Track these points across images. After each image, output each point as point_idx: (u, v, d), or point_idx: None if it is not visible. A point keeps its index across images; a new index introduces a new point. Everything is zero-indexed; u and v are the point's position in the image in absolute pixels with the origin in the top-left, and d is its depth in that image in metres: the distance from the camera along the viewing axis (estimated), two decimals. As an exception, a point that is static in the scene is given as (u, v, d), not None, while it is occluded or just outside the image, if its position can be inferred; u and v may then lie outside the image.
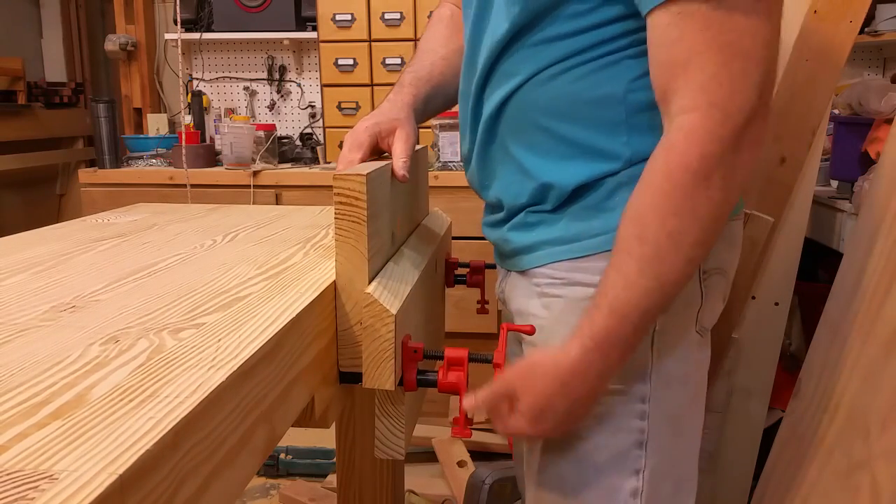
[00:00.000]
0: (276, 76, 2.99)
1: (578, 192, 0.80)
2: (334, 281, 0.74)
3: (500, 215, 0.89)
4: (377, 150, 0.90)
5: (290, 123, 3.03)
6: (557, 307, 0.82)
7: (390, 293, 0.74)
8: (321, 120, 2.69)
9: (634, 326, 0.71)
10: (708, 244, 0.70)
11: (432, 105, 1.01)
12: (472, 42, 0.86)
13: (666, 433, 0.81)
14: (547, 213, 0.83)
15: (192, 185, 2.44)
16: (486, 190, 0.90)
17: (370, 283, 0.73)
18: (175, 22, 2.77)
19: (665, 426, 0.81)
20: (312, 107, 2.99)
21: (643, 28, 0.72)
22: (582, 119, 0.78)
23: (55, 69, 3.14)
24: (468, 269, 1.17)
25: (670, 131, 0.69)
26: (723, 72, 0.65)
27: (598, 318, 0.71)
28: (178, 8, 2.72)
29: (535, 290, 0.85)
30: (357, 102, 2.54)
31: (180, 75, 2.77)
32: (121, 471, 0.36)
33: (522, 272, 0.87)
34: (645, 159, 0.75)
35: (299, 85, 3.00)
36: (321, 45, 2.52)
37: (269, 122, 2.95)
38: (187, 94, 2.81)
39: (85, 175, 2.55)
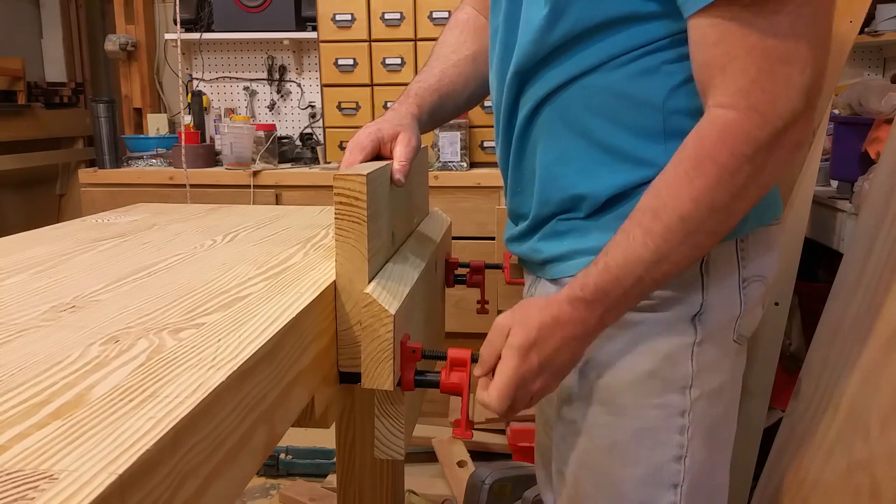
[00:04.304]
0: (276, 76, 2.99)
1: (612, 202, 0.78)
2: (334, 281, 0.74)
3: (525, 226, 0.87)
4: (379, 155, 0.89)
5: (290, 123, 3.03)
6: None
7: (389, 293, 0.74)
8: (321, 120, 2.69)
9: (624, 290, 0.71)
10: (719, 235, 0.70)
11: (440, 114, 1.00)
12: (504, 45, 0.84)
13: (703, 446, 0.80)
14: (579, 221, 0.81)
15: (192, 185, 2.44)
16: (516, 196, 0.88)
17: (370, 283, 0.73)
18: (175, 22, 2.77)
19: (703, 439, 0.80)
20: (312, 107, 2.99)
21: (683, 30, 0.70)
22: (620, 123, 0.76)
23: (55, 69, 3.14)
24: (468, 269, 1.17)
25: (705, 121, 0.68)
26: (764, 77, 0.64)
27: (593, 272, 0.71)
28: (178, 8, 2.72)
29: None
30: (357, 102, 2.54)
31: (180, 75, 2.78)
32: (121, 471, 0.36)
33: (553, 280, 0.85)
34: None
35: (299, 85, 3.00)
36: (321, 45, 2.52)
37: (269, 122, 2.95)
38: (187, 94, 2.81)
39: (85, 175, 2.55)
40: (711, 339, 0.79)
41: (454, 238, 1.33)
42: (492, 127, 2.35)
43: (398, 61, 2.49)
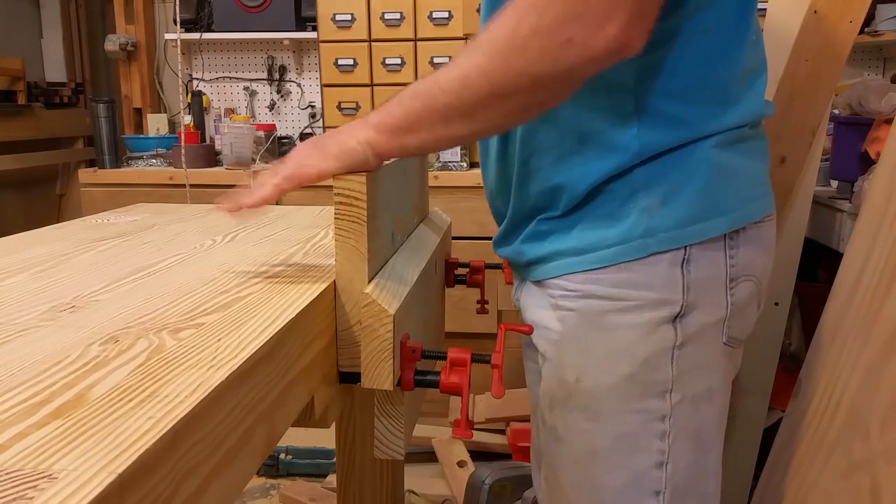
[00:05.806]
0: (276, 76, 2.99)
1: (591, 196, 0.77)
2: (334, 281, 0.74)
3: (506, 225, 0.87)
4: None
5: (290, 123, 3.02)
6: (571, 321, 0.80)
7: (389, 293, 0.74)
8: (321, 120, 2.69)
9: (399, 98, 0.70)
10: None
11: None
12: None
13: (688, 451, 0.79)
14: (559, 220, 0.80)
15: (192, 185, 2.44)
16: (499, 197, 0.88)
17: (369, 283, 0.73)
18: (175, 22, 2.77)
19: (687, 444, 0.78)
20: (312, 107, 2.99)
21: None
22: (592, 108, 0.75)
23: (55, 69, 3.14)
24: (468, 269, 1.17)
25: None
26: None
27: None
28: (177, 8, 2.72)
29: (550, 301, 0.82)
30: (357, 102, 2.54)
31: (180, 75, 2.77)
32: (120, 470, 0.36)
33: (537, 282, 0.85)
34: (655, 153, 0.73)
35: (299, 85, 3.00)
36: (321, 45, 2.52)
37: (269, 122, 2.95)
38: (187, 94, 2.81)
39: (85, 175, 2.55)
40: (694, 341, 0.77)
41: (454, 238, 1.33)
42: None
43: (398, 61, 2.49)
